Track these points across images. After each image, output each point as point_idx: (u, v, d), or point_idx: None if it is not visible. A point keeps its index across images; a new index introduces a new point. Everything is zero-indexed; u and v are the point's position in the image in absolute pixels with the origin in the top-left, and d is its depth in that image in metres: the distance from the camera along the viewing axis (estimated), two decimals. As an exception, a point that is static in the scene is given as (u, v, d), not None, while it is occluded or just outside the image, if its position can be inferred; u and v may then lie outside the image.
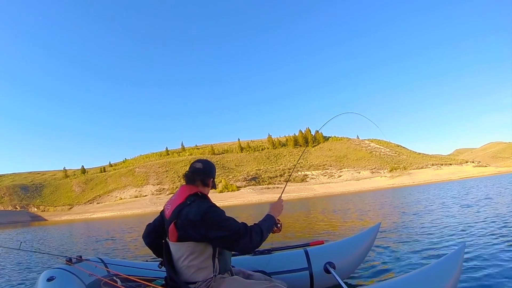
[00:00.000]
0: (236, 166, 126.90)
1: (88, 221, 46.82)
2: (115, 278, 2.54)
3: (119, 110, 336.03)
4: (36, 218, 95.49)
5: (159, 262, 2.49)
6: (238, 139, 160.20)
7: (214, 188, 2.31)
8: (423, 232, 6.28)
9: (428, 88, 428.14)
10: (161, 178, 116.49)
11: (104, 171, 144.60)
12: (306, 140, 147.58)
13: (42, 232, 23.43)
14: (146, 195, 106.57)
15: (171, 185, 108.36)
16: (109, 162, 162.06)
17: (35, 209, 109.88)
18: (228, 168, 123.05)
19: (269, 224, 2.15)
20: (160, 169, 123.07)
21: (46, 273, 2.55)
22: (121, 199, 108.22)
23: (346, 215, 12.72)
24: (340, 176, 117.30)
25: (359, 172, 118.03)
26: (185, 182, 2.18)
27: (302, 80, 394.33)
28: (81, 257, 2.91)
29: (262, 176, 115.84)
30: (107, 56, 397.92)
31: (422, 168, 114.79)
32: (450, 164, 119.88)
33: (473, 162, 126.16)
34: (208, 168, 2.21)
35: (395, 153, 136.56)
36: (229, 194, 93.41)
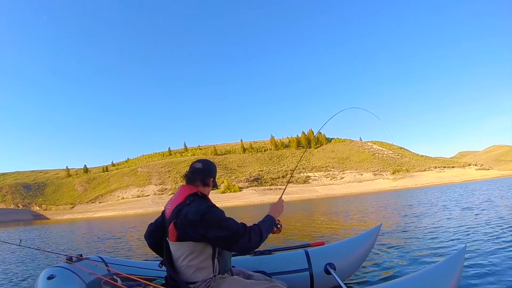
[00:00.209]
0: (239, 167, 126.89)
1: (90, 220, 46.92)
2: (116, 277, 2.54)
3: (122, 110, 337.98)
4: (38, 217, 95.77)
5: (160, 262, 2.49)
6: (241, 140, 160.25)
7: (216, 188, 2.30)
8: (424, 234, 6.25)
9: (431, 91, 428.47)
10: (164, 178, 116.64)
11: (107, 171, 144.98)
12: (309, 142, 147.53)
13: (44, 231, 23.50)
14: (148, 195, 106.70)
15: (174, 185, 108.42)
16: (112, 162, 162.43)
17: (37, 208, 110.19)
18: (231, 169, 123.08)
19: (269, 225, 2.15)
20: (163, 169, 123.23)
21: (47, 272, 2.56)
22: (123, 199, 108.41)
23: (348, 217, 12.69)
24: (343, 178, 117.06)
25: (362, 174, 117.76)
26: (185, 182, 2.19)
27: (305, 81, 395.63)
28: (82, 256, 2.91)
29: (265, 177, 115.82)
30: (111, 55, 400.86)
31: (425, 171, 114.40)
32: (453, 167, 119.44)
33: (476, 165, 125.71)
34: (208, 168, 2.21)
35: (398, 155, 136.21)
36: (231, 195, 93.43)
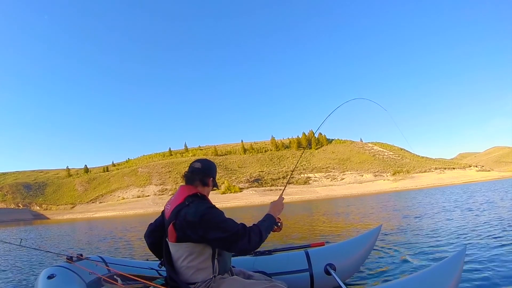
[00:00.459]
0: (239, 168, 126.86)
1: (90, 220, 46.96)
2: (116, 277, 2.54)
3: (123, 110, 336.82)
4: (39, 217, 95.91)
5: (160, 262, 2.48)
6: (241, 141, 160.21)
7: (216, 187, 2.29)
8: (424, 235, 6.26)
9: (433, 92, 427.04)
10: (164, 179, 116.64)
11: (107, 171, 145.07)
12: (309, 142, 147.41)
13: (44, 231, 23.52)
14: (149, 195, 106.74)
15: (174, 186, 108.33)
16: (112, 162, 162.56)
17: (38, 208, 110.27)
18: (231, 170, 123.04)
19: (269, 224, 2.14)
20: (163, 170, 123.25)
21: (47, 271, 2.55)
22: (124, 199, 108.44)
23: (348, 218, 12.69)
24: (343, 179, 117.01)
25: (362, 175, 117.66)
26: (185, 182, 2.17)
27: (306, 82, 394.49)
28: (82, 256, 2.90)
29: (265, 178, 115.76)
30: (111, 55, 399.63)
31: (425, 172, 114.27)
32: (453, 168, 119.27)
33: (476, 167, 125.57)
34: (207, 168, 2.19)
35: (398, 157, 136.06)
36: (232, 196, 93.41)
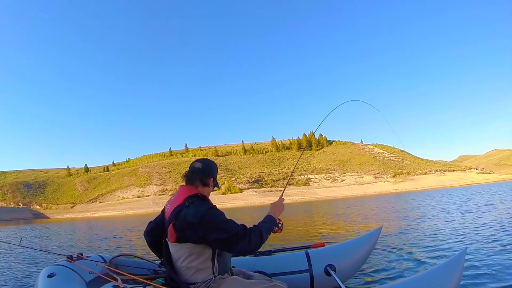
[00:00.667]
0: (240, 169, 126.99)
1: (90, 220, 46.94)
2: (116, 276, 2.54)
3: (123, 109, 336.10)
4: (39, 216, 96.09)
5: (159, 262, 2.48)
6: (242, 141, 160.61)
7: (217, 187, 2.28)
8: (425, 237, 6.25)
9: (433, 94, 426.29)
10: (164, 179, 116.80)
11: (107, 171, 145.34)
12: (310, 144, 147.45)
13: (44, 230, 23.53)
14: (149, 195, 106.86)
15: (174, 186, 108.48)
16: (113, 162, 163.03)
17: (38, 207, 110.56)
18: (231, 170, 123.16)
19: (269, 225, 2.13)
20: (163, 170, 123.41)
21: (47, 270, 2.55)
22: (124, 199, 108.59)
23: (348, 219, 12.68)
24: (343, 181, 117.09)
25: (362, 177, 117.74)
26: (185, 182, 2.16)
27: (307, 83, 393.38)
28: (82, 255, 2.90)
29: (265, 179, 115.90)
30: (112, 54, 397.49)
31: (426, 174, 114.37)
32: (454, 171, 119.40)
33: (477, 169, 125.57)
34: (208, 168, 2.18)
35: (399, 159, 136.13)
36: (232, 196, 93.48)
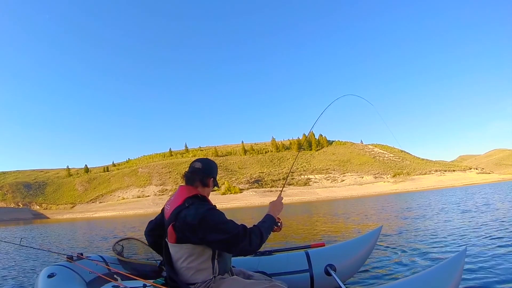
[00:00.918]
0: (239, 169, 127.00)
1: (90, 220, 46.92)
2: (116, 276, 2.54)
3: (124, 110, 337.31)
4: (38, 216, 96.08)
5: (159, 262, 2.47)
6: (242, 142, 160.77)
7: (217, 187, 2.27)
8: (425, 237, 6.26)
9: (433, 94, 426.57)
10: (164, 179, 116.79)
11: (107, 171, 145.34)
12: (310, 144, 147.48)
13: (44, 230, 23.53)
14: (149, 196, 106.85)
15: (174, 186, 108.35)
16: (113, 162, 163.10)
17: (38, 207, 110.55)
18: (231, 171, 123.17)
19: (269, 225, 2.12)
20: (163, 170, 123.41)
21: (47, 270, 2.55)
22: (124, 199, 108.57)
23: (348, 219, 12.68)
24: (343, 181, 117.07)
25: (362, 177, 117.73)
26: (185, 182, 2.15)
27: (307, 83, 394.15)
28: (82, 255, 2.90)
29: (265, 179, 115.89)
30: (113, 55, 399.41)
31: (426, 174, 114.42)
32: (454, 171, 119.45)
33: (477, 169, 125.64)
34: (208, 168, 2.17)
35: (399, 159, 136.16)
36: (232, 196, 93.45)
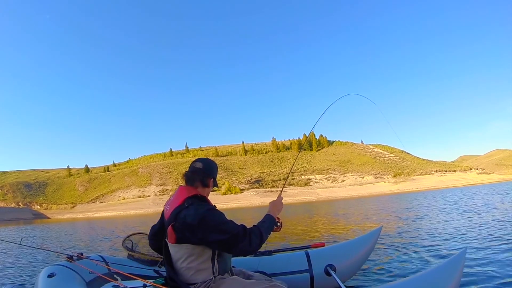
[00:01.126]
0: (240, 169, 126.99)
1: (91, 220, 46.95)
2: (116, 276, 2.54)
3: (124, 110, 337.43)
4: (39, 216, 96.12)
5: (159, 262, 2.47)
6: (242, 142, 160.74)
7: (217, 187, 2.27)
8: (425, 237, 6.26)
9: (433, 94, 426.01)
10: (165, 179, 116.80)
11: (108, 171, 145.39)
12: (310, 144, 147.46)
13: (45, 230, 23.54)
14: (149, 196, 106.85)
15: (174, 186, 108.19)
16: (113, 162, 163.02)
17: (38, 207, 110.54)
18: (232, 171, 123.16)
19: (269, 225, 2.12)
20: (164, 170, 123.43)
21: (47, 270, 2.56)
22: (124, 199, 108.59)
23: (349, 219, 12.68)
24: (344, 181, 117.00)
25: (363, 177, 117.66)
26: (185, 182, 2.15)
27: (308, 83, 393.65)
28: (82, 255, 2.91)
29: (266, 179, 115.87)
30: (113, 55, 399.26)
31: (426, 174, 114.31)
32: (454, 171, 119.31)
33: (477, 169, 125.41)
34: (208, 168, 2.17)
35: (399, 159, 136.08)
36: (232, 197, 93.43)
